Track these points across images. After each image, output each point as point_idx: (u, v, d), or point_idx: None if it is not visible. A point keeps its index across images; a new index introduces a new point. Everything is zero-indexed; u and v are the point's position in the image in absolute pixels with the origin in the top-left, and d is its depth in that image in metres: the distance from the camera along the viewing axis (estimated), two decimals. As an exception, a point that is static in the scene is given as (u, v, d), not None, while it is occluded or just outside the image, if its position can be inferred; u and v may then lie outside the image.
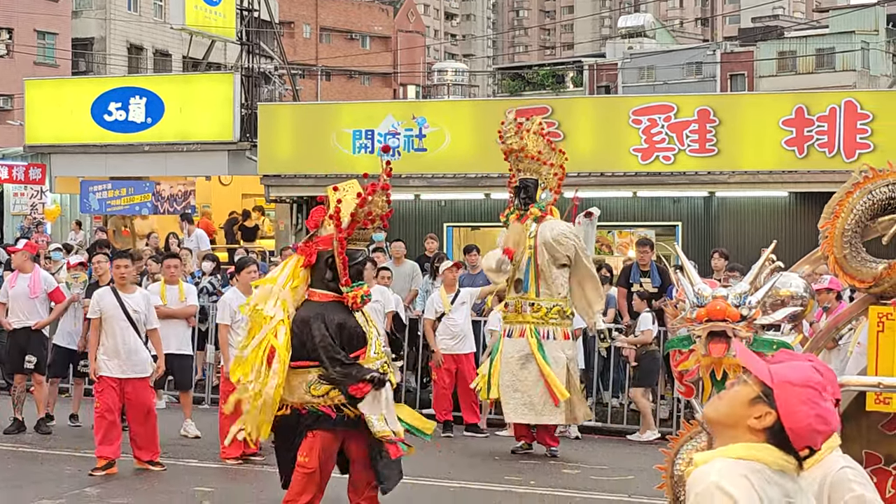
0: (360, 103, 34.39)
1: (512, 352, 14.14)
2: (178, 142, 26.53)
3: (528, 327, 14.14)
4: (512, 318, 14.32)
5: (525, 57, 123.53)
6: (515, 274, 14.28)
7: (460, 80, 70.18)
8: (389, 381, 9.19)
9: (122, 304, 12.63)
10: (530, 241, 14.22)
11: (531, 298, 14.21)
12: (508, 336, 14.29)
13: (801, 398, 3.48)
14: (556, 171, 14.58)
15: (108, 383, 12.42)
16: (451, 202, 24.25)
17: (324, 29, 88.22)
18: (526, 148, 14.28)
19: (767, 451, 3.40)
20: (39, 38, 55.88)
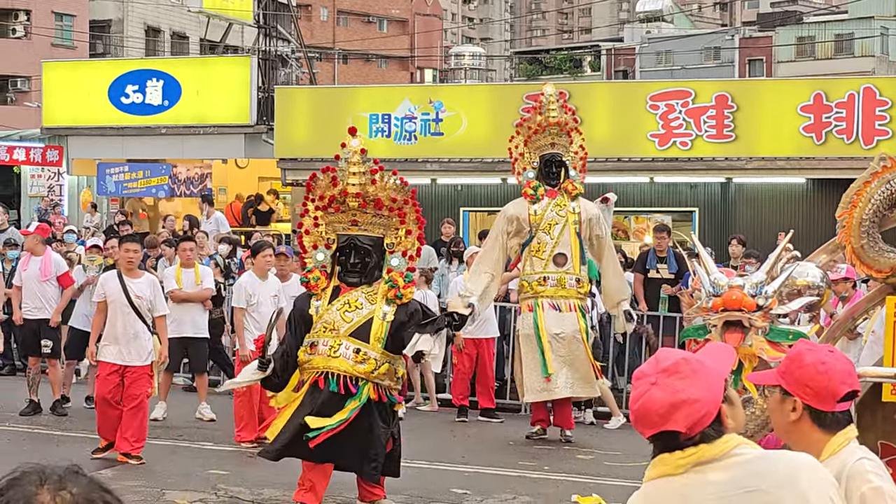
0: (376, 87, 34.37)
1: (560, 327, 14.07)
2: (195, 124, 26.53)
3: (574, 302, 14.10)
4: (552, 292, 14.18)
5: (542, 41, 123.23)
6: (553, 248, 14.17)
7: (477, 64, 69.96)
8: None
9: (126, 290, 12.31)
10: (574, 215, 14.16)
11: (576, 273, 14.15)
12: (556, 310, 14.18)
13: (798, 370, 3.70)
14: (577, 150, 14.55)
15: (106, 369, 12.23)
16: (467, 186, 24.23)
17: (341, 12, 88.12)
18: (568, 123, 14.29)
19: (659, 461, 3.35)
20: (57, 19, 55.92)
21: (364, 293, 9.09)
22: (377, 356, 9.00)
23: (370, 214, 9.08)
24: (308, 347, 9.09)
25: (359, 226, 9.08)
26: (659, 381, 3.30)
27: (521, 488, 11.68)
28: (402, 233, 9.17)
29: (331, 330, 8.99)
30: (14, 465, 6.17)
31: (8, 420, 14.57)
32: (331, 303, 9.07)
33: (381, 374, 9.01)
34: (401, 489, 10.98)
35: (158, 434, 13.75)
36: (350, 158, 9.08)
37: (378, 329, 9.00)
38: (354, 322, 9.00)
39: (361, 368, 8.96)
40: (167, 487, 10.99)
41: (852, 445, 3.83)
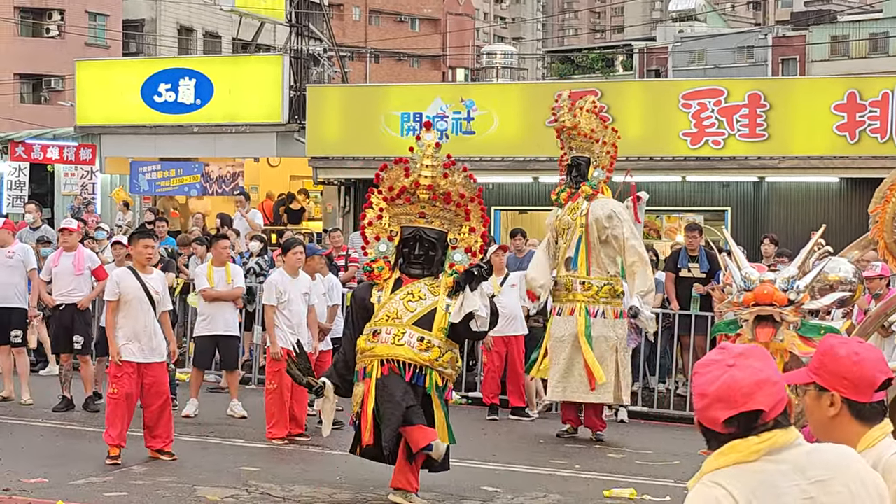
0: (408, 86, 34.40)
1: (562, 331, 14.08)
2: (227, 123, 26.59)
3: (579, 306, 14.07)
4: (562, 296, 14.24)
5: (575, 40, 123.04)
6: (566, 252, 14.21)
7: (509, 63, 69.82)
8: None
9: (145, 286, 12.19)
10: (581, 218, 14.16)
11: (582, 276, 14.14)
12: (558, 314, 14.23)
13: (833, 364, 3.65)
14: (609, 150, 14.54)
15: (127, 368, 12.02)
16: (498, 185, 24.20)
17: (373, 11, 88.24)
18: (579, 125, 14.27)
19: (730, 449, 3.35)
20: (91, 19, 56.23)
21: (427, 285, 9.34)
22: (441, 344, 9.31)
23: (438, 208, 9.30)
24: (371, 336, 9.33)
25: (426, 218, 9.31)
26: (737, 363, 3.34)
27: (551, 486, 11.66)
28: (466, 229, 9.40)
29: (394, 319, 9.23)
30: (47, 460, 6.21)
31: (41, 416, 14.65)
32: (393, 293, 9.32)
33: (444, 362, 9.33)
34: (432, 486, 10.98)
35: (190, 431, 13.81)
36: (425, 151, 9.27)
37: (441, 319, 9.26)
38: (418, 312, 9.26)
39: (426, 356, 9.26)
40: (198, 483, 11.02)
41: (889, 439, 3.81)
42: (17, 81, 54.94)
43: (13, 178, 28.65)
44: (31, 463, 11.80)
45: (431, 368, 9.31)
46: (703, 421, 3.39)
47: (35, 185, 29.08)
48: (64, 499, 10.22)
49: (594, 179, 14.35)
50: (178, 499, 10.45)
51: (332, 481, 11.34)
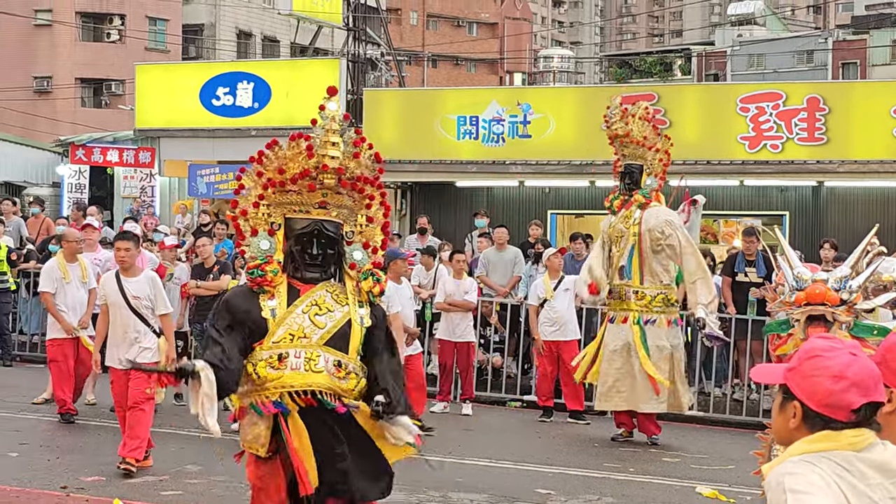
0: (464, 89, 34.36)
1: (615, 340, 14.06)
2: (285, 126, 26.68)
3: (632, 315, 14.03)
4: (615, 304, 14.23)
5: (633, 44, 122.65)
6: (619, 261, 14.19)
7: (566, 67, 69.74)
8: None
9: (122, 290, 11.76)
10: (634, 227, 14.11)
11: (635, 286, 14.10)
12: (611, 322, 14.21)
13: (807, 372, 3.49)
14: (662, 157, 14.47)
15: (115, 374, 11.78)
16: (555, 189, 24.19)
17: (431, 16, 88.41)
18: (631, 133, 14.19)
19: (826, 437, 3.39)
20: (151, 24, 56.71)
21: (329, 292, 6.93)
22: (357, 370, 6.89)
23: (344, 195, 7.01)
24: (275, 361, 6.76)
25: (327, 209, 6.96)
26: (857, 353, 3.37)
27: (605, 490, 11.63)
28: (363, 219, 7.11)
29: (300, 338, 6.78)
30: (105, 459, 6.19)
31: (100, 415, 14.78)
32: (292, 304, 6.87)
33: (359, 393, 6.89)
34: (485, 489, 10.99)
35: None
36: (329, 125, 6.90)
37: (357, 337, 6.88)
38: (329, 328, 6.82)
39: (344, 386, 6.81)
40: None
41: None
42: (78, 86, 55.51)
43: (74, 181, 28.96)
44: (89, 461, 11.92)
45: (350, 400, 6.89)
46: (828, 403, 3.39)
47: (95, 188, 29.38)
48: (120, 497, 10.32)
49: (647, 187, 14.29)
50: (234, 498, 10.51)
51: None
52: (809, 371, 3.43)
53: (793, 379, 3.49)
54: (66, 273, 14.31)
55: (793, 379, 3.49)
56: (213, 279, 16.07)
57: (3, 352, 19.16)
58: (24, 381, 17.12)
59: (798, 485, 3.29)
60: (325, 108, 6.99)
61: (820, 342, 3.48)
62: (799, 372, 3.46)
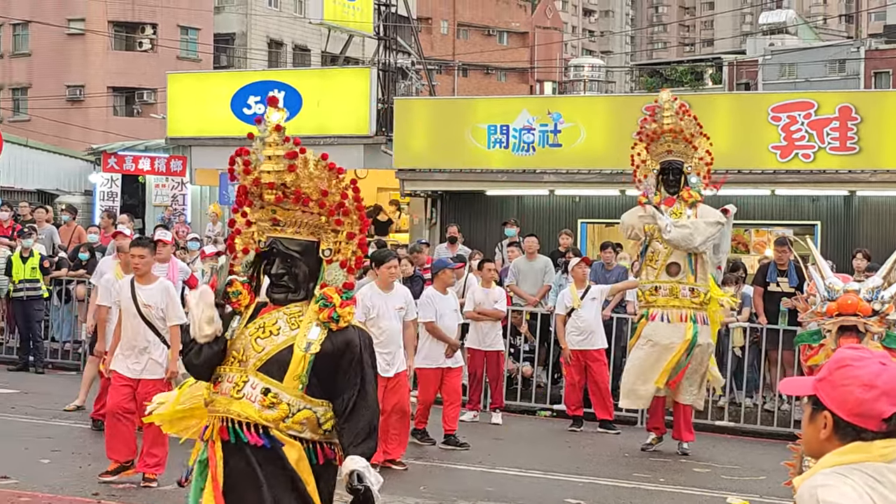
0: (495, 98, 34.40)
1: (670, 337, 13.96)
2: (316, 135, 26.76)
3: (688, 312, 13.96)
4: (664, 301, 14.05)
5: (664, 53, 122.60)
6: (668, 257, 14.05)
7: (597, 76, 69.71)
8: None
9: (135, 297, 11.44)
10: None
11: (690, 283, 14.01)
12: (661, 320, 14.08)
13: (837, 382, 3.46)
14: (703, 156, 14.37)
15: (119, 380, 11.42)
16: (585, 198, 24.16)
17: (461, 25, 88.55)
18: (683, 129, 14.10)
19: (857, 448, 3.37)
20: (182, 33, 57.06)
21: (286, 314, 6.28)
22: (291, 399, 6.06)
23: (295, 211, 6.33)
24: (212, 384, 6.24)
25: (281, 226, 6.37)
26: (888, 362, 3.36)
27: (636, 500, 11.61)
28: (343, 236, 6.43)
29: (239, 361, 6.19)
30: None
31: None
32: (247, 325, 6.30)
33: (295, 424, 6.05)
34: (515, 498, 10.98)
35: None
36: (265, 137, 6.25)
37: (297, 364, 6.07)
38: (267, 352, 6.14)
39: (269, 415, 6.05)
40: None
41: None
42: (110, 94, 55.87)
43: (106, 189, 29.14)
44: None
45: (281, 431, 6.04)
46: (859, 412, 3.38)
47: (127, 196, 29.56)
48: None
49: (694, 186, 14.21)
50: None
51: (415, 492, 11.37)
52: (839, 381, 3.41)
53: (823, 389, 3.47)
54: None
55: (823, 389, 3.47)
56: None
57: (35, 359, 19.27)
58: (56, 388, 17.21)
59: (831, 497, 3.27)
60: (264, 120, 6.31)
61: (849, 352, 3.47)
62: (829, 382, 3.45)
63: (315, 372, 6.06)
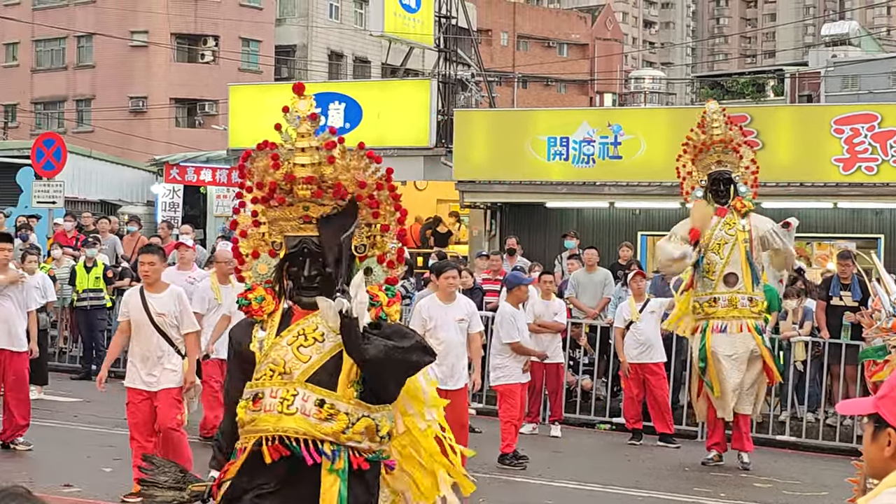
0: (555, 110, 34.39)
1: (734, 348, 13.86)
2: (376, 147, 26.62)
3: (748, 322, 13.88)
4: (724, 312, 13.96)
5: (725, 65, 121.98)
6: (725, 268, 13.98)
7: (657, 88, 69.55)
8: None
9: (146, 306, 11.01)
10: (743, 234, 13.95)
11: (748, 293, 13.92)
12: (722, 331, 13.98)
13: None
14: (749, 165, 14.31)
15: (135, 397, 11.02)
16: (645, 210, 24.07)
17: (521, 36, 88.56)
18: (733, 139, 14.06)
19: None
20: (244, 45, 57.47)
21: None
22: (350, 409, 5.61)
23: (330, 206, 5.75)
24: (251, 402, 5.67)
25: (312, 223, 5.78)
26: None
27: (695, 514, 11.54)
28: (377, 229, 5.88)
29: (280, 374, 5.66)
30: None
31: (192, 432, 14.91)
32: (280, 334, 5.76)
33: (356, 434, 5.60)
34: (573, 511, 10.95)
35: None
36: (297, 127, 5.80)
37: (350, 370, 5.63)
38: (314, 361, 5.65)
39: (327, 428, 5.57)
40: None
41: None
42: (172, 106, 56.38)
43: (167, 200, 29.39)
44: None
45: (339, 445, 5.57)
46: None
47: (188, 206, 29.80)
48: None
49: (744, 195, 14.14)
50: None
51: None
52: None
53: (885, 406, 3.41)
54: (218, 295, 14.05)
55: (885, 406, 3.41)
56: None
57: (98, 368, 19.43)
58: (119, 398, 17.22)
59: None
60: (290, 110, 5.86)
61: None
62: (891, 398, 3.40)
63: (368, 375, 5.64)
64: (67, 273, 19.74)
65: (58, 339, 20.99)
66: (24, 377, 13.24)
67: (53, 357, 19.80)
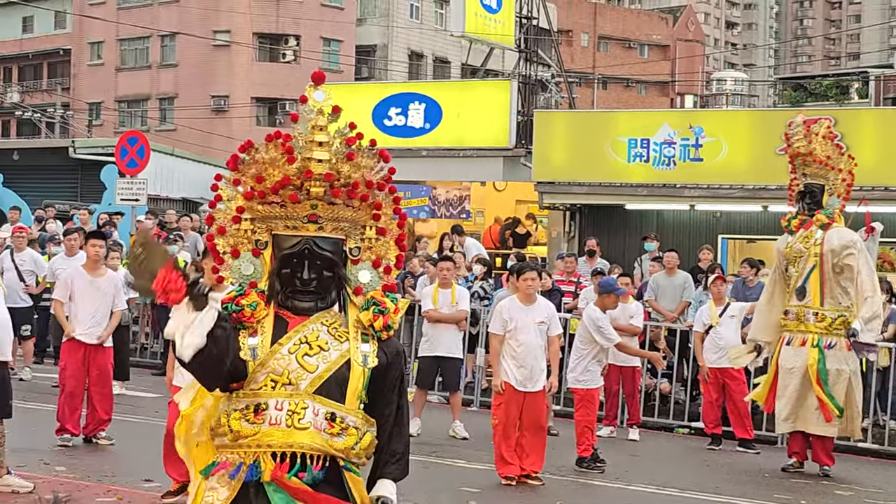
0: (635, 112, 34.20)
1: (792, 362, 13.74)
2: (455, 147, 26.91)
3: (811, 337, 13.71)
4: (792, 326, 13.86)
5: (808, 67, 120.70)
6: (797, 281, 13.86)
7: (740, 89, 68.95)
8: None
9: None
10: (816, 247, 13.79)
11: (815, 307, 13.77)
12: (787, 344, 13.89)
13: None
14: (845, 177, 14.13)
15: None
16: (726, 213, 23.87)
17: (602, 37, 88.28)
18: (814, 152, 13.90)
19: None
20: (325, 44, 57.84)
21: (327, 324, 5.29)
22: (358, 423, 5.18)
23: (338, 207, 5.32)
24: (251, 413, 5.14)
25: (318, 223, 5.31)
26: None
27: (775, 521, 11.42)
28: (372, 232, 5.45)
29: (285, 385, 5.16)
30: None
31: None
32: (278, 342, 5.22)
33: (362, 450, 5.22)
34: (652, 516, 10.88)
35: (412, 450, 13.93)
36: (314, 120, 5.33)
37: (357, 381, 5.19)
38: (321, 371, 5.16)
39: (340, 444, 5.12)
40: (419, 501, 11.13)
41: None
42: (253, 105, 56.86)
43: (248, 198, 29.57)
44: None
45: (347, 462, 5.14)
46: None
47: (268, 205, 29.97)
48: None
49: (829, 207, 13.97)
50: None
51: (551, 506, 11.35)
52: None
53: None
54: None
55: None
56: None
57: (178, 363, 19.62)
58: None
59: None
60: (309, 100, 5.38)
61: None
62: None
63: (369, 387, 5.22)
64: (149, 270, 19.94)
65: (139, 335, 21.24)
66: (108, 372, 13.39)
67: (135, 353, 20.03)
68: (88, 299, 13.21)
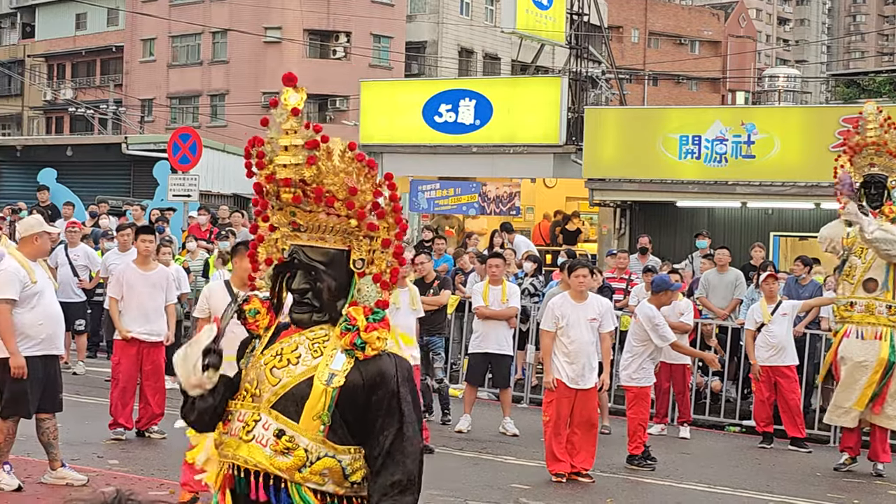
0: (687, 108, 34.07)
1: (863, 354, 13.60)
2: (506, 144, 26.90)
3: (884, 330, 13.58)
4: (859, 318, 13.71)
5: (861, 63, 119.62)
6: (865, 273, 13.71)
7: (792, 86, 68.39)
8: None
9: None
10: None
11: (888, 300, 13.64)
12: (857, 336, 13.73)
13: None
14: None
15: None
16: (778, 211, 23.71)
17: (653, 33, 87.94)
18: (888, 143, 13.74)
19: None
20: (375, 41, 57.94)
21: (309, 339, 5.03)
22: (309, 444, 4.82)
23: (318, 213, 5.06)
24: (223, 422, 5.06)
25: (303, 231, 5.12)
26: None
27: (828, 521, 11.35)
28: (378, 244, 5.12)
29: (252, 395, 4.99)
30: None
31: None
32: (263, 352, 5.08)
33: (313, 475, 4.82)
34: (703, 514, 10.84)
35: (462, 446, 14.01)
36: (281, 123, 5.00)
37: (317, 400, 4.83)
38: (282, 385, 4.89)
39: (282, 462, 4.84)
40: (470, 498, 11.16)
41: None
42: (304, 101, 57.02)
43: (299, 194, 29.68)
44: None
45: (292, 482, 4.81)
46: None
47: (319, 201, 30.06)
48: None
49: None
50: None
51: None
52: None
53: None
54: (396, 299, 14.13)
55: None
56: (433, 294, 16.16)
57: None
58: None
59: None
60: (280, 102, 5.04)
61: None
62: None
63: (340, 411, 4.83)
64: (201, 265, 20.08)
65: (191, 331, 21.35)
66: (161, 367, 13.49)
67: (187, 347, 20.12)
68: (140, 293, 13.33)
